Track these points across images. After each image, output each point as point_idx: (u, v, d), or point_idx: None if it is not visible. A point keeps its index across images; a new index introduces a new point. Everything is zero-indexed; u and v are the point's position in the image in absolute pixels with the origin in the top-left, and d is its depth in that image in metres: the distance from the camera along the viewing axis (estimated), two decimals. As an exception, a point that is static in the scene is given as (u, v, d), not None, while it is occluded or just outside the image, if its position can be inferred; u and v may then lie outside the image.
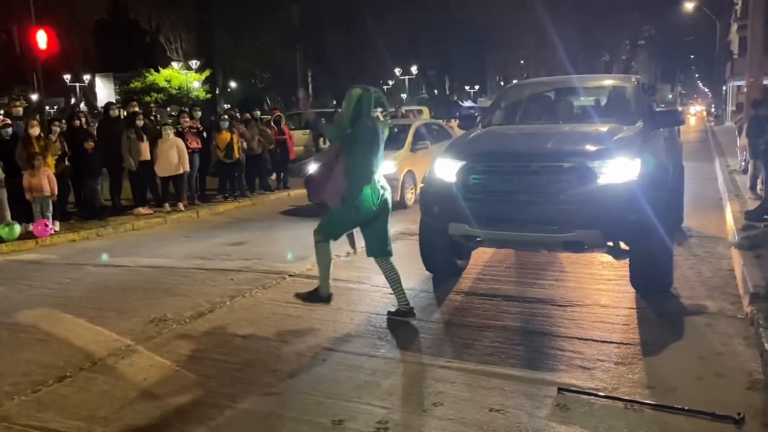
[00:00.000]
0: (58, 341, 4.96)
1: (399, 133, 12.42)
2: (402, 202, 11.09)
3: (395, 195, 10.81)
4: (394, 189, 10.78)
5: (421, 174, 11.16)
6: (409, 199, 11.39)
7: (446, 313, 5.30)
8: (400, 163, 11.31)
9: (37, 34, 11.21)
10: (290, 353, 4.51)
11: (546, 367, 4.08)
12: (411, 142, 12.02)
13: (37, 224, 9.08)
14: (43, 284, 6.87)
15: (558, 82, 8.15)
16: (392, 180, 10.81)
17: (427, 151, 11.83)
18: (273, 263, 7.30)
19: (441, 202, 5.59)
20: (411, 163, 11.59)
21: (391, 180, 10.64)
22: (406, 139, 12.04)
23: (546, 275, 6.29)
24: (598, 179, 5.04)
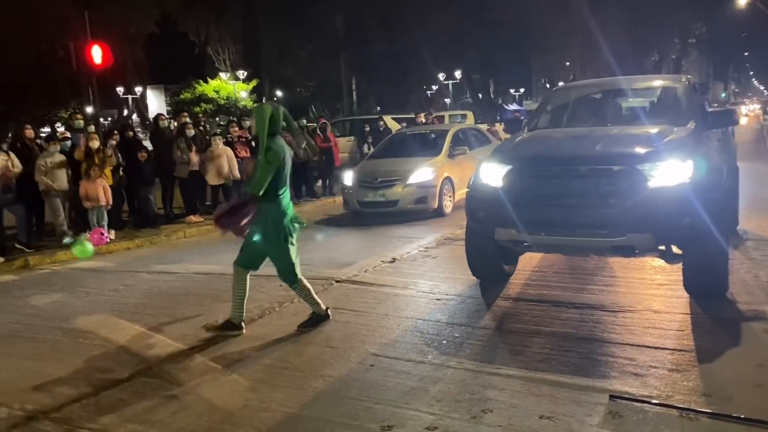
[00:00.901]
0: (116, 346, 5.12)
1: (436, 139, 12.30)
2: (440, 209, 10.95)
3: (433, 202, 10.81)
4: (431, 196, 10.78)
5: (459, 180, 11.01)
6: (447, 207, 11.18)
7: (494, 319, 5.26)
8: (438, 169, 11.14)
9: (92, 49, 11.60)
10: (338, 359, 4.55)
11: (597, 374, 4.01)
12: (449, 148, 11.79)
13: (93, 233, 9.40)
14: (100, 291, 7.11)
15: (606, 83, 8.02)
16: (429, 187, 10.81)
17: (465, 156, 11.64)
18: (320, 269, 7.37)
19: (487, 207, 5.56)
20: (449, 169, 11.38)
21: (428, 187, 10.80)
22: (444, 145, 11.84)
23: (596, 280, 6.18)
24: (648, 182, 4.93)
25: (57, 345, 5.28)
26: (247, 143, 12.34)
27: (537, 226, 5.25)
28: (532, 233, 5.29)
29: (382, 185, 10.86)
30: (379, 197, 10.84)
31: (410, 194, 10.73)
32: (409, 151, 11.97)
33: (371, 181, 11.01)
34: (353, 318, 5.47)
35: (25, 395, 4.23)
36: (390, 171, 11.09)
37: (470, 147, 12.14)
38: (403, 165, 11.21)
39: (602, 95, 7.32)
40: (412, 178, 10.81)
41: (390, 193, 10.78)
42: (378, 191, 10.86)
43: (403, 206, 10.74)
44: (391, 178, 10.89)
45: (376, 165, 11.68)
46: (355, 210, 11.26)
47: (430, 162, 11.22)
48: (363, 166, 12.05)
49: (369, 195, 10.94)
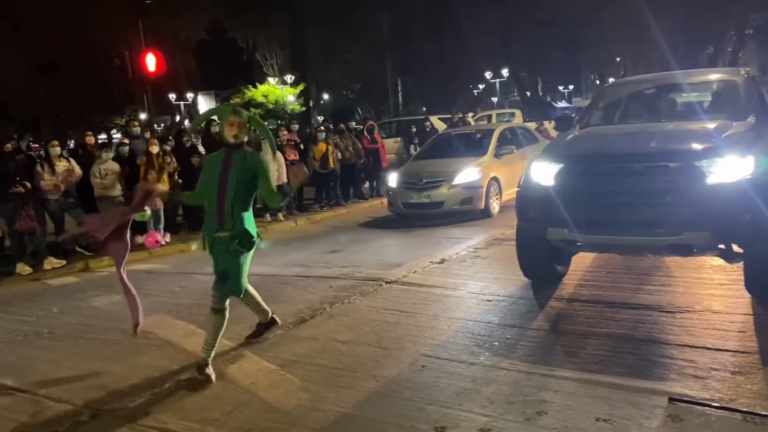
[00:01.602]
0: (173, 346, 5.26)
1: (482, 139, 12.13)
2: (486, 210, 10.82)
3: (479, 203, 10.68)
4: (477, 197, 10.64)
5: (505, 180, 10.98)
6: (494, 207, 11.04)
7: (547, 321, 5.19)
8: (484, 169, 11.00)
9: (146, 57, 11.95)
10: (390, 359, 4.56)
11: (655, 376, 3.91)
12: (495, 148, 11.62)
13: (148, 236, 9.66)
14: (157, 292, 7.31)
15: (660, 78, 7.81)
16: (476, 188, 10.66)
17: (512, 156, 11.51)
18: (370, 270, 7.41)
19: (538, 206, 5.49)
20: (495, 169, 11.25)
21: (474, 188, 10.65)
22: (490, 145, 11.67)
23: (652, 280, 6.03)
24: (706, 179, 4.78)
25: (117, 345, 5.46)
26: (296, 146, 12.50)
27: (590, 225, 5.15)
28: (584, 232, 5.19)
29: (427, 186, 10.79)
30: (424, 198, 10.78)
31: (456, 195, 10.65)
32: (454, 152, 11.85)
33: (416, 183, 10.95)
34: (403, 319, 5.48)
35: (88, 393, 4.39)
36: (435, 172, 11.01)
37: (518, 146, 11.97)
38: (449, 165, 11.10)
39: (656, 90, 7.14)
40: (458, 178, 10.72)
41: (435, 194, 10.70)
42: (423, 192, 10.80)
43: (448, 207, 10.65)
44: (437, 179, 10.80)
45: (421, 166, 11.61)
46: (400, 212, 11.22)
47: (476, 162, 11.09)
48: (408, 167, 12.01)
49: (414, 196, 10.88)
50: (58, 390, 4.50)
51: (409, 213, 11.07)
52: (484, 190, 10.77)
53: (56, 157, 9.30)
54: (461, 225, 10.30)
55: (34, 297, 7.61)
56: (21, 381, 4.72)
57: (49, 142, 9.70)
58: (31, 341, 5.81)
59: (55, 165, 9.20)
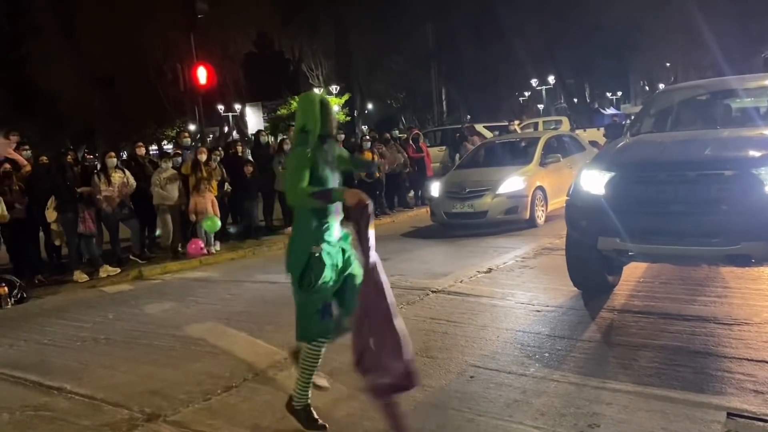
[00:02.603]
0: (224, 353, 5.36)
1: (527, 147, 11.89)
2: (531, 220, 10.56)
3: (524, 213, 10.44)
4: (522, 206, 10.41)
5: (551, 190, 10.79)
6: (540, 217, 10.73)
7: (598, 332, 5.10)
8: (529, 178, 10.76)
9: (198, 70, 12.27)
10: (438, 369, 4.55)
11: (712, 390, 3.80)
12: (540, 156, 11.35)
13: (191, 243, 9.88)
14: (208, 300, 7.47)
15: (713, 84, 7.61)
16: (520, 197, 10.43)
17: (558, 165, 11.27)
18: (416, 279, 7.41)
19: (589, 215, 5.41)
20: (541, 178, 10.96)
21: (519, 197, 10.43)
22: (535, 153, 11.40)
23: (707, 291, 5.86)
24: (764, 187, 4.64)
25: (171, 351, 5.60)
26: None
27: (642, 234, 5.05)
28: (637, 242, 5.09)
29: (471, 196, 10.62)
30: (467, 208, 10.59)
31: (500, 205, 10.45)
32: (498, 160, 11.67)
33: (459, 192, 10.78)
34: (451, 329, 5.46)
35: (144, 398, 4.51)
36: (478, 181, 10.86)
37: (564, 154, 11.69)
38: (492, 174, 10.93)
39: (709, 96, 6.97)
40: (502, 187, 10.52)
41: (479, 204, 10.51)
42: (466, 202, 10.62)
43: (492, 217, 10.47)
44: (480, 188, 10.63)
45: (465, 175, 11.47)
46: (443, 221, 11.05)
47: (521, 171, 10.87)
48: (451, 176, 11.86)
49: (457, 206, 10.71)
50: (114, 394, 4.63)
51: (451, 223, 10.92)
52: (529, 200, 10.53)
53: (112, 168, 9.61)
54: (506, 235, 10.15)
55: (91, 304, 7.86)
56: (80, 385, 4.88)
57: (106, 154, 10.04)
58: (89, 347, 6.00)
59: (111, 176, 9.51)
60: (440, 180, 11.65)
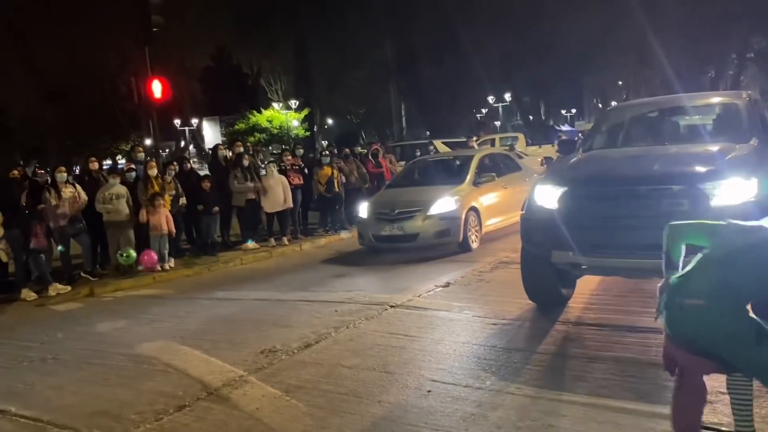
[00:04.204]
0: (177, 372, 5.24)
1: (461, 166, 11.24)
2: (465, 243, 9.81)
3: (457, 235, 9.74)
4: (455, 228, 9.69)
5: (486, 211, 10.33)
6: (473, 240, 9.99)
7: (553, 344, 5.16)
8: (462, 198, 10.03)
9: (152, 84, 12.06)
10: (395, 384, 4.54)
11: (663, 400, 3.86)
12: (474, 175, 10.61)
13: (144, 255, 9.66)
14: (161, 318, 7.30)
15: (662, 102, 7.85)
16: (453, 218, 9.72)
17: (492, 184, 10.70)
18: (374, 294, 7.39)
19: (543, 229, 5.49)
20: (474, 198, 10.26)
21: (451, 218, 9.73)
22: (468, 172, 10.67)
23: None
24: (711, 201, 4.79)
25: (122, 370, 5.44)
26: (300, 171, 12.55)
27: (595, 248, 5.15)
28: (589, 256, 5.19)
29: (401, 217, 9.83)
30: (397, 230, 9.82)
31: (431, 227, 9.69)
32: (430, 179, 11.07)
33: (388, 213, 9.98)
34: (409, 343, 5.46)
35: (93, 419, 4.37)
36: (409, 201, 10.10)
37: (499, 173, 11.13)
38: (424, 194, 10.22)
39: (659, 114, 7.18)
40: (434, 208, 9.77)
41: (409, 226, 9.75)
42: (395, 224, 9.83)
43: (423, 240, 9.72)
44: (411, 209, 9.86)
45: (394, 195, 10.77)
46: (371, 245, 10.28)
47: (454, 191, 10.14)
48: (380, 196, 11.22)
49: (386, 228, 9.92)
50: (62, 416, 4.48)
51: (380, 246, 10.18)
52: (462, 221, 9.80)
53: (63, 183, 9.36)
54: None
55: (39, 323, 7.60)
56: (25, 407, 4.71)
57: (56, 168, 9.77)
58: (36, 367, 5.80)
59: (61, 191, 9.25)
60: (369, 200, 10.92)
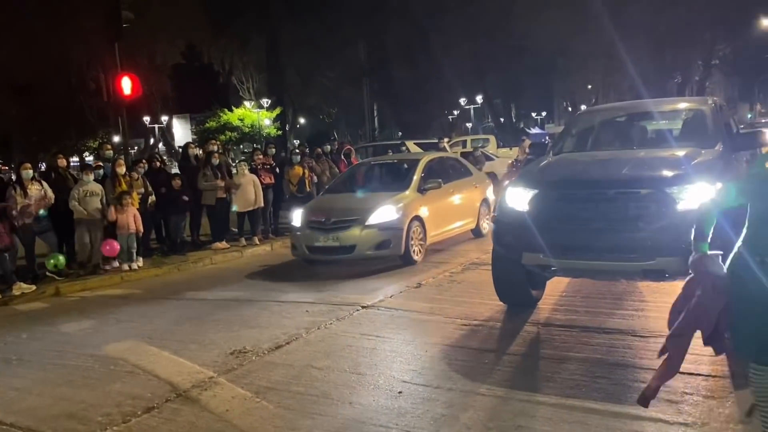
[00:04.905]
0: (145, 373, 5.17)
1: (406, 171, 10.28)
2: (407, 256, 8.98)
3: (398, 247, 8.87)
4: (396, 240, 8.84)
5: (431, 220, 9.53)
6: (416, 252, 9.13)
7: (523, 345, 5.22)
8: (405, 207, 9.16)
9: (122, 81, 11.90)
10: (366, 386, 4.54)
11: (630, 401, 3.94)
12: (419, 181, 9.73)
13: (105, 243, 9.50)
14: (129, 318, 7.19)
15: (631, 106, 7.99)
16: (394, 229, 8.90)
17: (439, 191, 9.85)
18: (346, 295, 7.39)
19: (514, 231, 5.54)
20: (419, 206, 9.39)
21: (392, 229, 8.87)
22: (413, 178, 9.76)
23: (625, 305, 6.10)
24: (677, 205, 4.89)
25: (89, 371, 5.35)
26: (271, 170, 12.47)
27: (564, 250, 5.22)
28: (559, 258, 5.26)
29: (336, 227, 8.91)
30: (332, 241, 8.90)
31: (370, 238, 8.78)
32: (372, 185, 10.28)
33: (323, 222, 9.06)
34: (380, 344, 5.47)
35: (58, 422, 4.29)
36: (346, 209, 9.21)
37: (446, 179, 10.31)
38: (363, 202, 9.34)
39: (627, 118, 7.31)
40: (373, 217, 8.86)
41: (345, 237, 8.82)
42: (331, 234, 8.91)
43: (361, 253, 8.80)
44: (348, 218, 8.93)
45: (331, 201, 9.92)
46: (305, 257, 9.37)
47: (396, 198, 9.24)
48: (315, 202, 10.27)
49: (320, 239, 8.99)
50: (26, 418, 4.39)
51: (315, 258, 9.31)
52: (405, 232, 8.93)
53: (28, 180, 9.16)
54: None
55: (2, 323, 7.42)
56: (-13, 410, 4.60)
57: (21, 165, 9.56)
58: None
59: (27, 188, 9.05)
60: (304, 207, 9.94)
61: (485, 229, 10.81)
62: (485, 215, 11.02)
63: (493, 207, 10.60)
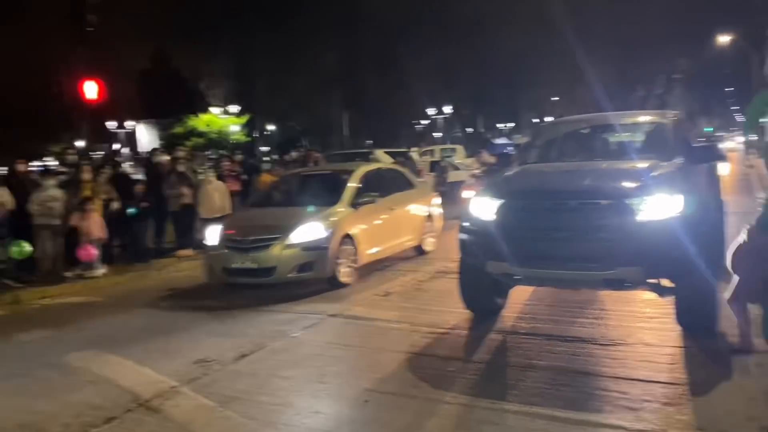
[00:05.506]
0: (107, 382, 5.08)
1: (338, 183, 9.14)
2: (334, 279, 8.01)
3: (324, 269, 7.90)
4: (322, 261, 7.88)
5: (365, 238, 8.59)
6: (346, 274, 8.15)
7: (488, 353, 5.27)
8: (334, 223, 8.19)
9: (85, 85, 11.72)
10: (332, 395, 4.54)
11: (591, 408, 4.02)
12: (352, 195, 8.76)
13: (82, 249, 9.33)
14: (91, 326, 7.06)
15: (594, 119, 8.16)
16: (320, 248, 7.88)
17: (375, 206, 8.91)
18: (313, 303, 7.36)
19: (480, 240, 5.61)
20: (350, 223, 8.45)
21: (317, 248, 7.84)
22: (345, 192, 8.78)
23: (587, 313, 6.21)
24: (637, 216, 5.01)
25: (47, 381, 5.23)
26: (238, 177, 12.39)
27: (528, 259, 5.29)
28: (523, 266, 5.33)
29: (255, 246, 7.90)
30: (249, 263, 7.90)
31: (292, 259, 7.81)
32: (300, 199, 9.12)
33: (240, 241, 8.04)
34: (347, 353, 5.47)
35: (15, 433, 4.18)
36: (267, 226, 8.17)
37: (385, 193, 9.39)
38: (286, 218, 8.31)
39: (591, 130, 7.46)
40: (295, 235, 7.89)
41: (264, 258, 7.83)
42: (248, 254, 7.91)
43: (281, 276, 7.81)
44: (267, 236, 7.93)
45: (252, 218, 8.98)
46: (222, 279, 8.30)
47: (324, 214, 8.26)
48: (234, 219, 9.29)
49: (237, 259, 7.98)
50: (-19, 430, 4.27)
51: (231, 281, 8.27)
52: (332, 252, 7.98)
53: (-14, 185, 8.95)
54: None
55: (-42, 331, 7.22)
56: (-60, 421, 4.46)
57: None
58: (-47, 379, 5.51)
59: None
60: (222, 223, 8.92)
61: (429, 246, 10.14)
62: (429, 231, 10.25)
63: (438, 222, 10.50)
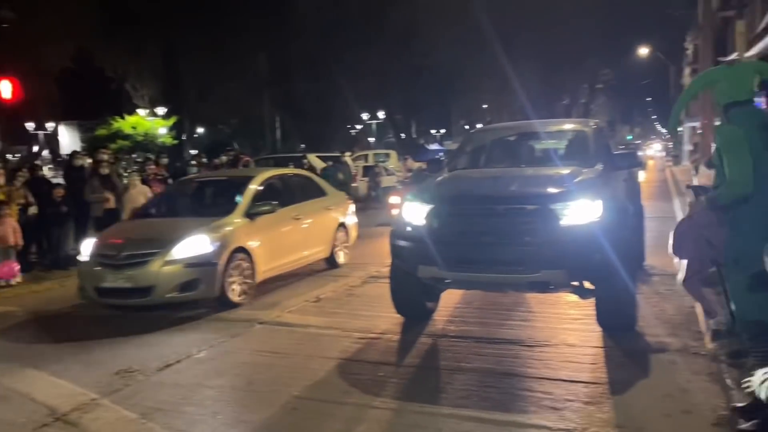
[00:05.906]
0: (20, 396, 4.82)
1: (235, 191, 8.27)
2: (223, 298, 7.20)
3: (212, 288, 7.06)
4: (209, 278, 7.03)
5: (264, 251, 7.80)
6: (236, 293, 7.33)
7: (417, 357, 5.31)
8: (225, 236, 7.35)
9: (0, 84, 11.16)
10: (261, 403, 4.46)
11: (517, 409, 4.11)
12: (249, 204, 7.93)
13: (3, 266, 8.89)
14: (5, 337, 6.68)
15: (520, 126, 8.37)
16: (206, 264, 7.04)
17: (276, 216, 8.09)
18: (242, 311, 7.22)
19: (410, 245, 5.66)
20: (245, 235, 7.61)
21: (203, 264, 7.03)
22: (240, 200, 7.98)
23: (514, 316, 6.35)
24: (560, 220, 5.17)
25: (-46, 397, 4.92)
26: (164, 180, 12.05)
27: (457, 263, 5.38)
28: (453, 270, 5.41)
29: (129, 263, 6.98)
30: (123, 281, 6.97)
31: (172, 277, 6.92)
32: (191, 208, 8.45)
33: (114, 256, 7.09)
34: (277, 360, 5.39)
35: None
36: (146, 239, 7.28)
37: (290, 201, 8.65)
38: (169, 230, 7.43)
39: (517, 137, 7.65)
40: (178, 250, 7.01)
41: (140, 276, 6.91)
42: (122, 272, 6.97)
43: (159, 296, 6.92)
44: (145, 251, 7.02)
45: (131, 229, 8.03)
46: (95, 299, 7.31)
47: (214, 225, 7.40)
48: (110, 230, 8.18)
49: (109, 278, 7.05)
50: None
51: (105, 302, 7.32)
52: (221, 268, 7.12)
53: None
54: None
55: None
56: None
57: None
58: None
59: None
60: (97, 235, 8.20)
61: (341, 257, 9.50)
62: (342, 242, 9.56)
63: (353, 231, 10.12)
